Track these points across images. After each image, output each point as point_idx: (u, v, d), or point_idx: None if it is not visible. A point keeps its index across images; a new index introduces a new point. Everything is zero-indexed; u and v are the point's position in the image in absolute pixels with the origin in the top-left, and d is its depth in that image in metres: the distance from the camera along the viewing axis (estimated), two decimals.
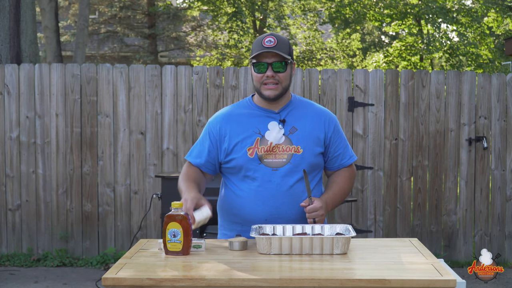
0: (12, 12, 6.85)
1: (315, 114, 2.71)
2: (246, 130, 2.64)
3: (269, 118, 2.66)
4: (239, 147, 2.63)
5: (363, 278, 2.00)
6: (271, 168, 2.61)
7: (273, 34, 2.61)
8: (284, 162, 2.61)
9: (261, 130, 2.64)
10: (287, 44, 2.62)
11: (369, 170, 5.81)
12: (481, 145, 5.83)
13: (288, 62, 2.61)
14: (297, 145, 2.63)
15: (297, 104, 2.72)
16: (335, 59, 18.52)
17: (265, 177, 2.60)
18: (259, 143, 2.62)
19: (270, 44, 2.57)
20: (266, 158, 2.61)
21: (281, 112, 2.67)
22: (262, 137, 2.63)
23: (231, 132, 2.66)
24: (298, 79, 5.80)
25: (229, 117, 2.69)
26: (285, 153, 2.61)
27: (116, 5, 16.00)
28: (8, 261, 5.74)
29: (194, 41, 17.20)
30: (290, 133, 2.64)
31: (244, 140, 2.63)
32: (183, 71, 5.81)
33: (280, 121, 2.65)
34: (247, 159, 2.61)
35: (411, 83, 5.83)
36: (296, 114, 2.68)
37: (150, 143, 5.80)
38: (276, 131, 2.63)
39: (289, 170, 2.61)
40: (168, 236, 2.30)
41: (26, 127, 5.80)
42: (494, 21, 16.80)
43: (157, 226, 5.79)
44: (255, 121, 2.66)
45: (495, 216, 5.89)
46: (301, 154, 2.62)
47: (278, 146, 2.61)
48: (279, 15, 17.01)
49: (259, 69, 2.60)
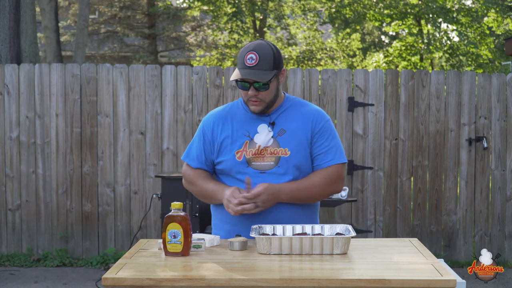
0: (12, 12, 6.85)
1: (305, 115, 2.66)
2: (236, 133, 2.64)
3: (260, 121, 2.65)
4: (228, 150, 2.64)
5: (363, 278, 2.00)
6: (259, 171, 2.60)
7: (255, 50, 2.53)
8: (272, 165, 2.60)
9: (250, 133, 2.63)
10: (270, 57, 2.54)
11: (369, 170, 5.81)
12: (481, 145, 5.83)
13: (272, 78, 2.55)
14: (285, 147, 2.61)
15: (289, 106, 2.69)
16: (335, 59, 18.52)
17: (253, 179, 2.59)
18: (247, 146, 2.62)
19: (251, 63, 2.52)
20: (254, 161, 2.61)
21: (272, 115, 2.66)
22: (251, 140, 2.62)
23: (221, 133, 2.66)
24: (298, 79, 5.80)
25: (221, 118, 2.70)
26: (273, 155, 2.60)
27: (116, 5, 16.00)
28: (8, 261, 5.74)
29: (194, 41, 17.20)
30: (279, 136, 2.63)
31: (233, 143, 2.63)
32: (183, 71, 5.81)
33: (270, 124, 2.64)
34: (235, 162, 2.61)
35: (411, 83, 5.83)
36: (286, 116, 2.66)
37: (150, 143, 5.80)
38: (265, 133, 2.62)
39: (277, 173, 2.60)
40: (168, 237, 2.29)
41: (26, 127, 5.80)
42: (494, 21, 16.79)
43: (157, 226, 5.79)
44: (246, 124, 2.65)
45: (495, 216, 5.89)
46: (288, 157, 2.60)
47: (266, 149, 2.61)
48: (279, 15, 17.00)
49: (243, 86, 2.58)
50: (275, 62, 2.56)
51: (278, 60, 2.58)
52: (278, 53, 2.59)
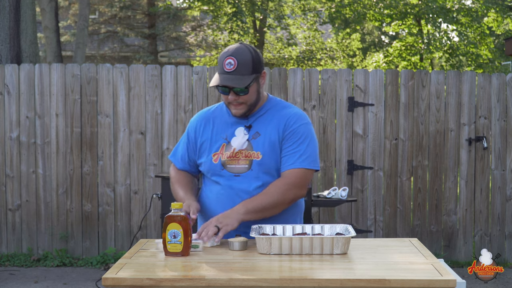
0: (12, 12, 6.85)
1: (280, 117, 2.65)
2: (215, 136, 2.68)
3: (239, 124, 2.67)
4: (207, 152, 2.68)
5: (363, 278, 2.00)
6: (233, 174, 2.62)
7: (233, 55, 2.52)
8: (246, 168, 2.61)
9: (228, 135, 2.66)
10: (249, 62, 2.54)
11: (369, 170, 5.81)
12: (481, 145, 5.83)
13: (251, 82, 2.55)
14: (257, 150, 2.62)
15: (269, 109, 2.68)
16: (335, 59, 18.53)
17: (227, 182, 2.62)
18: (224, 149, 2.64)
19: (230, 68, 2.52)
20: (229, 164, 2.63)
21: (250, 118, 2.67)
22: (228, 143, 2.65)
23: (202, 135, 2.70)
24: (298, 79, 5.80)
25: (204, 120, 2.73)
26: (247, 159, 2.62)
27: (116, 5, 16.00)
28: (8, 261, 5.74)
29: (194, 41, 17.21)
30: (253, 139, 2.63)
31: (211, 145, 2.67)
32: (183, 71, 5.81)
33: (246, 127, 2.65)
34: (212, 164, 2.65)
35: (411, 83, 5.83)
36: (263, 119, 2.66)
37: (150, 143, 5.80)
38: (241, 137, 2.64)
39: (250, 176, 2.61)
40: (168, 237, 2.29)
41: (26, 127, 5.80)
42: (494, 21, 16.80)
43: (157, 226, 5.79)
44: (225, 127, 2.68)
45: (495, 216, 5.89)
46: (259, 160, 2.60)
47: (241, 152, 2.62)
48: (279, 15, 17.01)
49: (223, 91, 2.59)
50: (254, 66, 2.55)
51: (257, 63, 2.57)
52: (258, 56, 2.59)
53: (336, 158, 5.81)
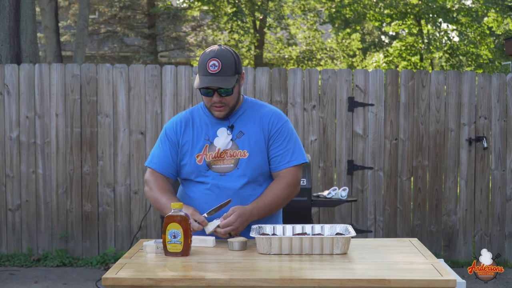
0: (12, 12, 6.85)
1: (261, 116, 2.71)
2: (196, 137, 2.70)
3: (219, 125, 2.70)
4: (189, 154, 2.69)
5: (363, 278, 2.01)
6: (219, 174, 2.66)
7: (217, 56, 2.55)
8: (231, 167, 2.65)
9: (210, 136, 2.69)
10: (231, 63, 2.58)
11: (369, 170, 5.81)
12: (481, 145, 5.83)
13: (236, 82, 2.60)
14: (243, 149, 2.66)
15: (248, 108, 2.74)
16: (335, 59, 18.53)
17: (214, 181, 2.65)
18: (207, 150, 2.67)
19: (214, 70, 2.54)
20: (214, 164, 2.66)
21: (231, 118, 2.70)
22: (211, 143, 2.67)
23: (183, 137, 2.71)
24: (298, 79, 5.80)
25: (183, 122, 2.74)
26: (232, 158, 2.66)
27: (116, 5, 16.00)
28: (8, 261, 5.74)
29: (194, 41, 17.20)
30: (237, 138, 2.68)
31: (193, 147, 2.69)
32: (183, 71, 5.81)
33: (229, 127, 2.69)
34: (196, 165, 2.67)
35: (411, 83, 5.83)
36: (244, 119, 2.71)
37: (150, 143, 5.80)
38: (224, 137, 2.68)
39: (236, 175, 2.65)
40: (168, 237, 2.30)
41: (26, 127, 5.80)
42: (494, 21, 16.80)
43: (157, 226, 5.80)
44: (205, 128, 2.71)
45: (495, 216, 5.89)
46: (247, 158, 2.65)
47: (226, 152, 2.66)
48: (279, 15, 17.01)
49: (206, 92, 2.60)
50: (236, 67, 2.61)
51: (238, 64, 2.63)
52: (238, 58, 2.64)
53: (336, 158, 5.81)
